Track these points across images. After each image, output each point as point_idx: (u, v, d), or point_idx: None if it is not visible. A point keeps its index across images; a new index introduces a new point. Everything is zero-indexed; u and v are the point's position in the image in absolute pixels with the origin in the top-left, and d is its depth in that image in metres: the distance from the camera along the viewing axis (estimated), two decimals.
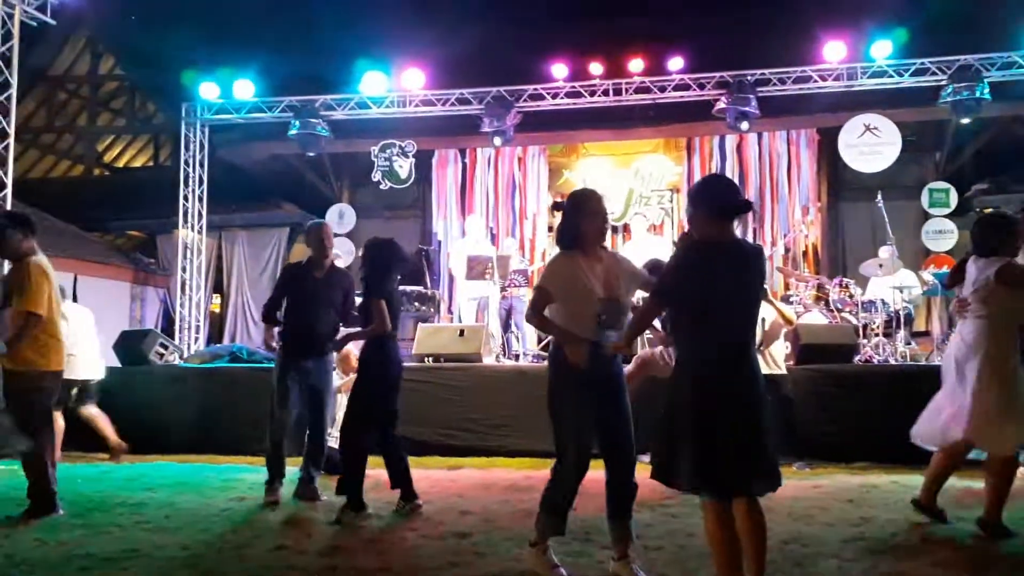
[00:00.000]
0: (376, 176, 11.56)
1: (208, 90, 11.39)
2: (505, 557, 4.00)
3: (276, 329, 5.66)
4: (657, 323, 5.35)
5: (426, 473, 6.45)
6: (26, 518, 4.78)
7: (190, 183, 11.61)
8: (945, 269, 10.29)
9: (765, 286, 6.37)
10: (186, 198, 11.61)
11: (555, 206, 4.08)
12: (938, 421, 4.44)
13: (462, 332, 8.04)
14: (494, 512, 4.99)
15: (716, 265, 3.18)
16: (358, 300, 5.43)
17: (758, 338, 6.17)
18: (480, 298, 9.59)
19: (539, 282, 3.84)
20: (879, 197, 9.14)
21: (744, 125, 10.59)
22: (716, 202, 3.26)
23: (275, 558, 4.10)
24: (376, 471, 5.21)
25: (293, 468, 5.61)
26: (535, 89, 11.02)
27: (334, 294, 5.52)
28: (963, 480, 5.10)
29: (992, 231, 4.52)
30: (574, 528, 4.39)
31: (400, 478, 5.10)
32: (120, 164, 17.18)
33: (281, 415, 5.47)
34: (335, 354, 5.86)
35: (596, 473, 3.71)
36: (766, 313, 6.23)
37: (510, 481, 6.05)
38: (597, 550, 4.05)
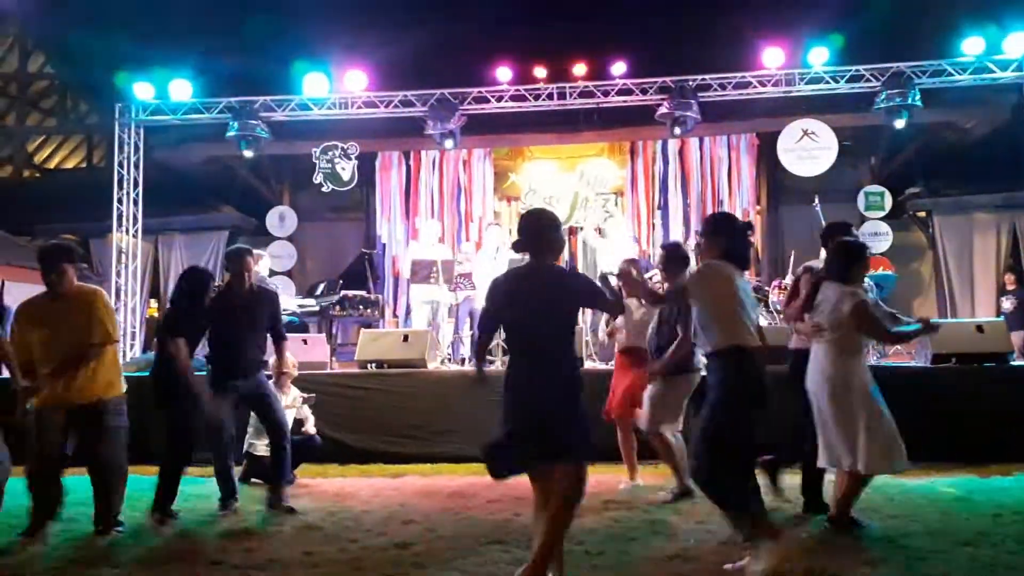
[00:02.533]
0: (317, 178, 11.39)
1: (143, 90, 11.08)
2: (446, 567, 3.95)
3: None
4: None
5: (369, 481, 6.37)
6: None
7: (125, 185, 11.27)
8: (882, 271, 10.57)
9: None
10: (120, 201, 11.27)
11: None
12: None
13: (406, 337, 7.93)
14: (436, 521, 4.93)
15: None
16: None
17: None
18: (432, 302, 9.47)
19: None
20: (816, 200, 9.32)
21: (679, 130, 10.71)
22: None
23: (209, 573, 3.98)
24: (313, 480, 5.10)
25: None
26: (479, 92, 10.98)
27: (258, 315, 5.43)
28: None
29: (847, 259, 4.56)
30: (519, 536, 4.38)
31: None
32: (51, 165, 16.62)
33: (219, 429, 5.27)
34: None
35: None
36: None
37: (454, 488, 5.99)
38: None
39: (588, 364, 7.70)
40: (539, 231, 3.77)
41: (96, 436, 4.61)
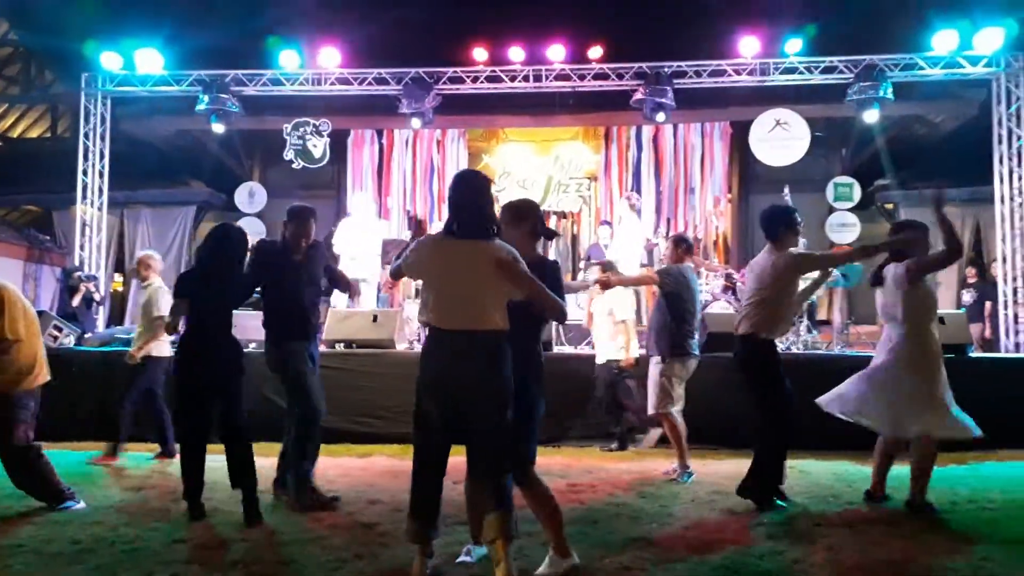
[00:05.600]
0: (288, 155, 11.26)
1: (110, 60, 10.84)
2: (411, 548, 3.94)
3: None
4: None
5: (336, 461, 6.36)
6: None
7: (90, 157, 11.06)
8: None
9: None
10: (85, 172, 11.06)
11: None
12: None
13: (375, 317, 7.90)
14: (403, 501, 4.83)
15: None
16: None
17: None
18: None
19: None
20: (786, 190, 9.40)
21: (660, 116, 10.74)
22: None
23: (172, 552, 3.95)
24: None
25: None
26: (455, 72, 10.91)
27: (317, 272, 5.11)
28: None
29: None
30: None
31: (237, 471, 4.63)
32: (14, 134, 16.21)
33: (319, 403, 4.91)
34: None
35: None
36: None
37: None
38: None
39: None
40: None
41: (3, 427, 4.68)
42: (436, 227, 11.07)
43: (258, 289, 5.07)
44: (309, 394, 4.88)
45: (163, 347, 6.60)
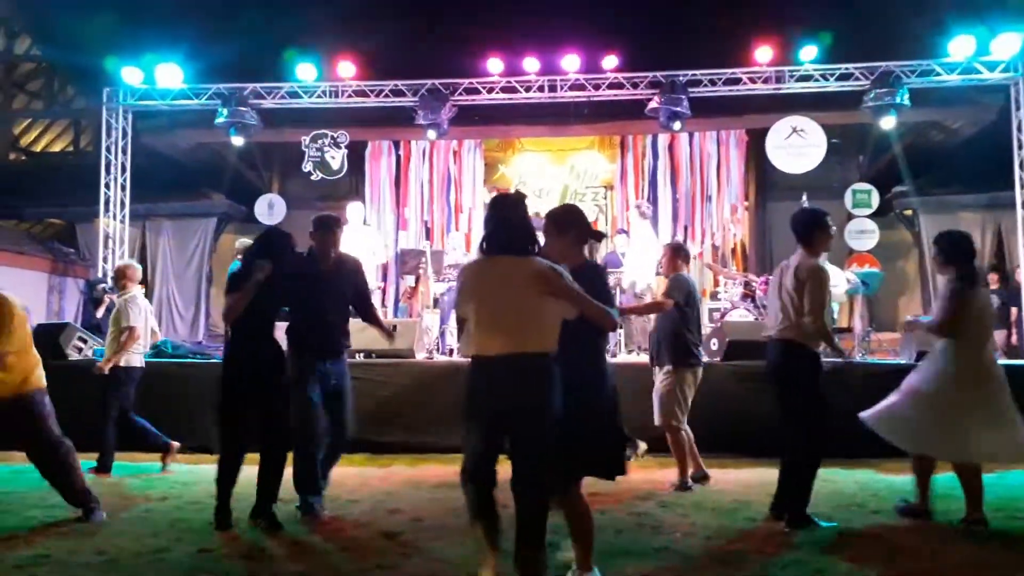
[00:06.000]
0: (307, 166, 11.35)
1: (131, 75, 10.99)
2: (432, 557, 3.96)
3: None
4: None
5: (356, 471, 6.39)
6: None
7: (112, 170, 11.20)
8: (868, 268, 10.64)
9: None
10: (107, 186, 11.20)
11: None
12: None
13: (395, 328, 7.93)
14: (423, 510, 4.96)
15: None
16: None
17: None
18: None
19: None
20: (804, 197, 9.38)
21: (676, 125, 10.74)
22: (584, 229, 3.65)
23: (196, 562, 3.98)
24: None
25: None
26: (470, 83, 10.96)
27: (343, 286, 5.02)
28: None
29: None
30: (505, 527, 4.41)
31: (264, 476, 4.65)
32: (38, 149, 16.45)
33: (315, 425, 4.79)
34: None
35: None
36: None
37: (441, 478, 6.01)
38: None
39: None
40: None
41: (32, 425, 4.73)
42: (453, 236, 11.18)
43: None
44: (300, 416, 4.74)
45: (132, 358, 6.62)
